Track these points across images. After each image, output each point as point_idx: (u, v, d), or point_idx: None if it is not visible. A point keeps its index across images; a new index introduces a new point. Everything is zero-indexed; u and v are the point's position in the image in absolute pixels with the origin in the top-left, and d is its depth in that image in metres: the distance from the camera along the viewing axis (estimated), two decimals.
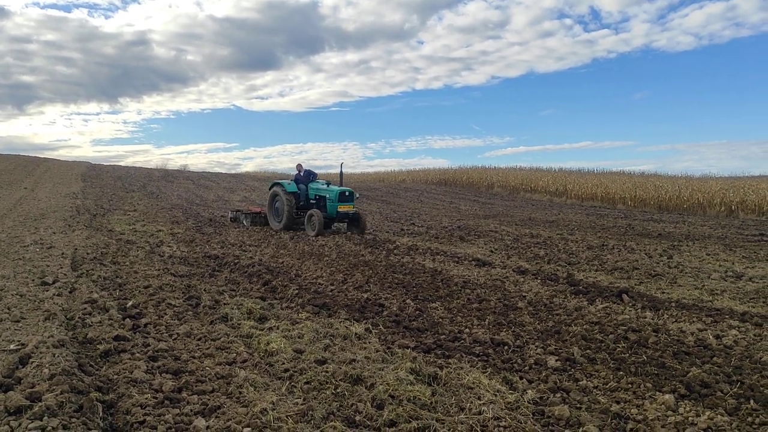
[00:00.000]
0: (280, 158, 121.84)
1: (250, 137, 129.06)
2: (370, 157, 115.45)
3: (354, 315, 7.26)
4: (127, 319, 6.53)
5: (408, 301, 8.16)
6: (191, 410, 4.20)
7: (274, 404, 4.29)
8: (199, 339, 6.00)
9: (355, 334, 6.28)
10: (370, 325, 6.72)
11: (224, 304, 7.56)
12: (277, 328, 6.42)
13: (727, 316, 7.39)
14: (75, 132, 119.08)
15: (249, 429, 3.90)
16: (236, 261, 11.04)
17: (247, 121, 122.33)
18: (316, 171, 19.01)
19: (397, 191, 40.12)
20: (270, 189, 18.90)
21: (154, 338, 5.93)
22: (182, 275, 9.51)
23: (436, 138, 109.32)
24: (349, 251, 13.22)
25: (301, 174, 18.56)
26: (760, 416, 4.33)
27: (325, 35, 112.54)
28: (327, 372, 4.98)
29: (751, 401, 4.60)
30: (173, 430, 3.87)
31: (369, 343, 5.99)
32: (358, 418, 4.16)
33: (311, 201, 17.83)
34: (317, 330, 6.32)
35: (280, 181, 18.85)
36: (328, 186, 17.73)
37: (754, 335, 6.56)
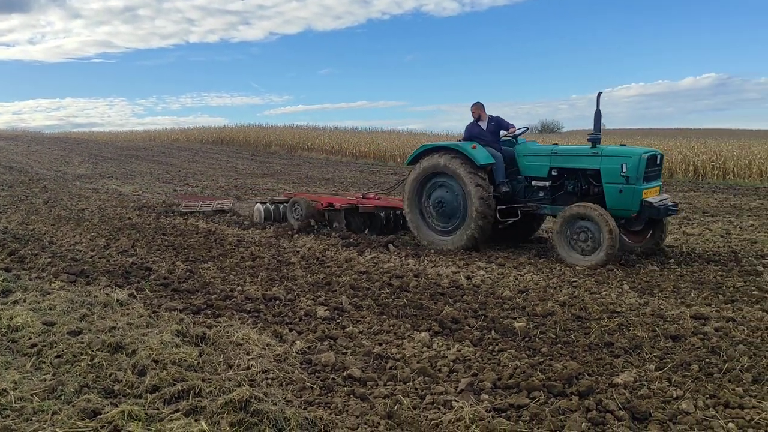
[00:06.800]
0: (33, 114, 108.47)
1: None
2: (141, 114, 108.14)
3: (117, 281, 6.79)
4: None
5: (178, 263, 7.83)
6: None
7: (16, 383, 3.86)
8: None
9: (117, 300, 5.88)
10: (134, 291, 6.34)
11: None
12: (24, 301, 5.77)
13: (476, 260, 8.23)
14: None
15: None
16: None
17: None
18: (77, 130, 13.83)
19: (171, 150, 38.04)
20: (414, 161, 9.23)
21: None
22: None
23: (213, 95, 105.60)
24: (113, 214, 12.28)
25: (483, 125, 9.14)
26: (499, 344, 4.91)
27: None
28: (82, 343, 4.60)
29: (492, 332, 5.20)
30: None
31: (132, 308, 5.65)
32: (116, 387, 3.92)
33: (533, 183, 8.72)
34: (72, 300, 5.80)
35: (446, 143, 9.32)
36: (594, 146, 8.15)
37: (498, 274, 7.40)
